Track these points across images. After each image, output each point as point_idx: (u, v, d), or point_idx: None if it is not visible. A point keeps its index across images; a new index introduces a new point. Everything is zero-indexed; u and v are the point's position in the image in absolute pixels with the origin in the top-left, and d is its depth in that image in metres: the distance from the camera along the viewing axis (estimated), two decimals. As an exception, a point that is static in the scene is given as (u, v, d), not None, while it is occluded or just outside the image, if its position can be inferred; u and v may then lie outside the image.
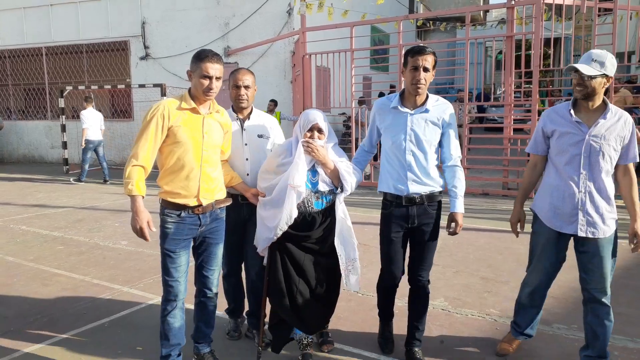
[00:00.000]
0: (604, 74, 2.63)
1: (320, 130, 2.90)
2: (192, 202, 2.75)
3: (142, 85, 11.77)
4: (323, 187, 2.91)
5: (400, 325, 3.29)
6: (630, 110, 10.00)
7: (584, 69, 2.63)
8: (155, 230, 2.66)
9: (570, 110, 2.76)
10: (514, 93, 8.74)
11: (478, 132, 14.06)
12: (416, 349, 3.04)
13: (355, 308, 3.84)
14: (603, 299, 2.80)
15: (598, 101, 2.73)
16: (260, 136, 3.22)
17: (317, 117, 2.91)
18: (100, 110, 11.66)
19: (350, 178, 2.93)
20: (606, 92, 2.80)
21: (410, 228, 2.93)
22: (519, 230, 3.06)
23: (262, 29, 12.08)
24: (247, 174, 3.17)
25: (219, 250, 2.98)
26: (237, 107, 3.20)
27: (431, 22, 19.87)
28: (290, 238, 2.88)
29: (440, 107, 2.92)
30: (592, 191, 2.73)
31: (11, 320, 3.75)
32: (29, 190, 9.89)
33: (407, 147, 2.88)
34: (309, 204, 2.90)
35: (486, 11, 32.80)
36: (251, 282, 3.31)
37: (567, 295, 3.99)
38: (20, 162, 15.08)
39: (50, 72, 14.81)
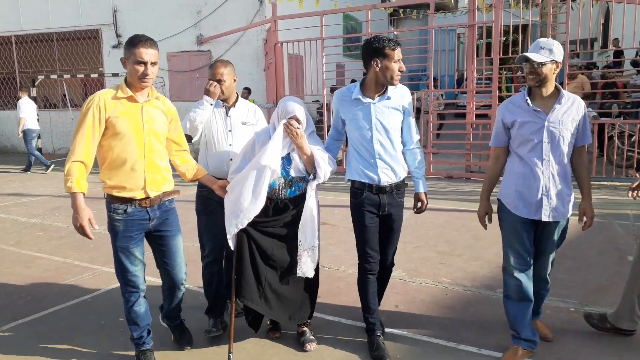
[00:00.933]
0: (553, 60, 2.73)
1: (298, 121, 2.93)
2: (139, 195, 2.70)
3: (115, 74, 11.84)
4: (296, 173, 2.96)
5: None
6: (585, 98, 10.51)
7: (534, 56, 2.72)
8: (97, 228, 2.65)
9: (526, 99, 2.82)
10: (483, 80, 9.12)
11: (449, 118, 14.53)
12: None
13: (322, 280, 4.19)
14: (545, 276, 3.02)
15: (551, 88, 2.82)
16: (244, 123, 3.31)
17: (295, 108, 2.95)
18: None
19: (325, 166, 2.96)
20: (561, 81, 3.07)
21: (381, 215, 3.01)
22: (487, 223, 3.08)
23: (235, 17, 12.21)
24: (231, 159, 3.21)
25: (179, 243, 2.93)
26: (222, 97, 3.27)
27: (401, 10, 20.15)
28: (256, 224, 2.90)
29: (399, 93, 2.99)
30: (555, 176, 2.81)
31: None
32: (4, 180, 9.96)
33: (374, 137, 2.93)
34: (282, 192, 2.96)
35: (457, -1, 33.18)
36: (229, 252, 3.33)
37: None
38: (-8, 152, 14.97)
39: (21, 61, 14.69)
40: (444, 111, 11.44)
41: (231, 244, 2.94)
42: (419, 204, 3.11)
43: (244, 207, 2.83)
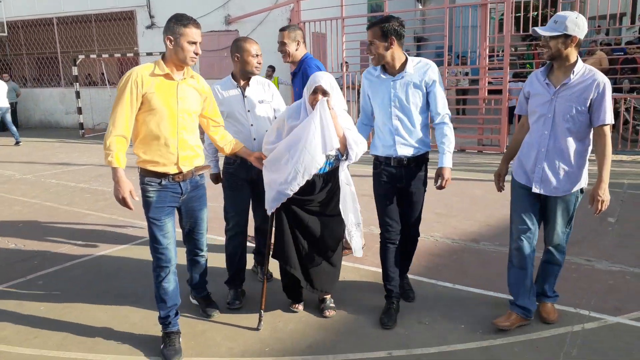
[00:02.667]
0: (563, 34, 2.65)
1: (324, 92, 2.90)
2: (173, 170, 2.76)
3: (149, 54, 12.59)
4: (328, 152, 2.95)
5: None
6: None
7: (541, 30, 2.72)
8: (139, 200, 2.74)
9: (544, 72, 2.84)
10: (495, 57, 9.48)
11: (472, 93, 14.78)
12: (405, 282, 3.47)
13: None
14: (551, 248, 3.03)
15: (567, 62, 2.74)
16: (261, 102, 3.35)
17: (320, 79, 2.92)
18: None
19: (357, 148, 2.99)
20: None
21: (399, 187, 3.09)
22: (500, 185, 3.16)
23: (261, -3, 12.75)
24: (255, 139, 3.30)
25: (205, 215, 3.06)
26: (247, 74, 3.29)
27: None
28: (293, 201, 2.98)
29: (421, 69, 2.99)
30: (551, 150, 2.80)
31: (62, 241, 4.78)
32: (51, 152, 10.90)
33: (392, 113, 3.00)
34: None
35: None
36: (259, 224, 3.63)
37: (500, 223, 4.96)
38: (37, 127, 16.06)
39: (62, 42, 15.62)
40: (463, 87, 11.80)
41: (269, 211, 3.07)
42: (439, 180, 3.07)
43: (289, 186, 2.90)
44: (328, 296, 3.31)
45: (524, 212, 2.95)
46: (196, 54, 2.70)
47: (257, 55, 3.27)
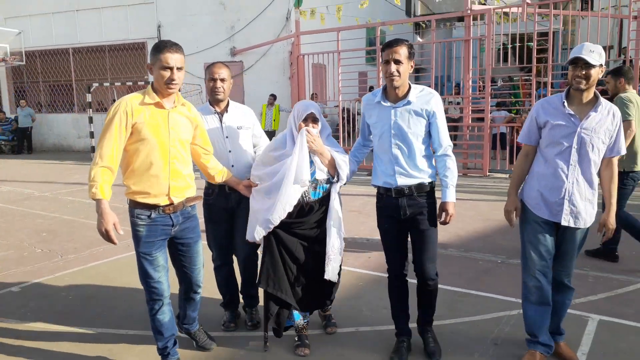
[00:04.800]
0: (600, 64, 2.65)
1: (315, 120, 2.96)
2: (163, 201, 2.66)
3: (159, 82, 13.47)
4: (320, 175, 2.98)
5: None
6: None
7: (590, 58, 2.61)
8: (123, 233, 2.61)
9: (563, 102, 2.74)
10: (478, 87, 10.28)
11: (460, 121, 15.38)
12: (428, 328, 3.12)
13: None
14: (567, 282, 2.95)
15: (591, 94, 2.73)
16: (239, 127, 3.28)
17: (310, 107, 2.97)
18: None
19: (346, 167, 3.00)
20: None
21: (404, 219, 2.90)
22: (513, 218, 2.98)
23: (264, 31, 13.70)
24: (232, 165, 3.23)
25: (200, 248, 2.94)
26: (213, 99, 3.23)
27: (424, 22, 21.27)
28: (282, 225, 2.92)
29: (424, 98, 2.85)
30: (580, 182, 2.76)
31: (83, 247, 5.45)
32: (67, 173, 11.66)
33: (392, 141, 2.87)
34: (306, 195, 2.96)
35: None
36: (243, 265, 3.41)
37: (469, 235, 5.61)
38: (50, 150, 16.89)
39: (77, 70, 16.60)
40: (452, 115, 12.54)
41: (257, 239, 3.00)
42: (443, 215, 2.89)
43: (272, 217, 2.88)
44: (328, 312, 3.42)
45: (543, 246, 2.85)
46: (172, 79, 2.56)
47: (215, 80, 3.16)
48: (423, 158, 2.90)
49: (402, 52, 2.75)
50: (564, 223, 2.79)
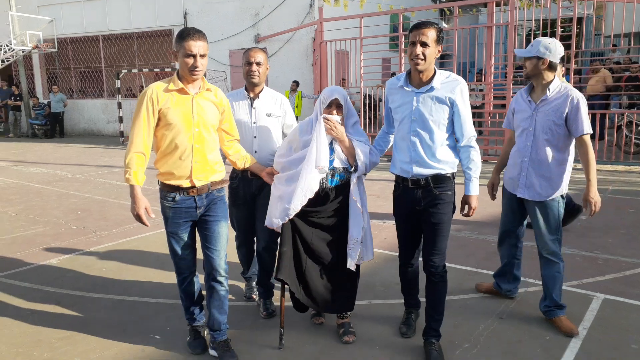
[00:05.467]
0: (536, 56, 3.02)
1: (339, 106, 2.92)
2: (185, 184, 2.75)
3: (185, 69, 13.79)
4: (338, 164, 2.95)
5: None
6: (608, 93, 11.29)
7: (517, 51, 3.19)
8: (155, 217, 2.79)
9: (527, 90, 3.21)
10: (499, 74, 10.28)
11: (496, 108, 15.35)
12: (433, 340, 2.92)
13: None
14: (546, 255, 3.21)
15: (543, 80, 3.08)
16: (269, 115, 3.29)
17: (335, 92, 2.93)
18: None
19: (366, 158, 2.94)
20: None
21: (418, 210, 2.86)
22: (493, 193, 3.49)
23: (288, 18, 13.86)
24: (256, 152, 3.25)
25: (222, 229, 2.90)
26: (248, 83, 3.27)
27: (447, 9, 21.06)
28: (299, 213, 2.91)
29: (449, 85, 2.75)
30: (534, 160, 3.11)
31: (114, 224, 5.79)
32: (96, 156, 12.11)
33: (411, 128, 2.79)
34: (324, 181, 2.94)
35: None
36: (259, 255, 3.43)
37: (483, 219, 5.74)
38: (81, 135, 17.46)
39: (106, 57, 17.08)
40: (475, 102, 12.54)
41: (275, 226, 3.00)
42: (466, 208, 2.88)
43: (293, 203, 2.86)
44: (347, 320, 3.19)
45: (511, 213, 3.41)
46: (194, 67, 2.63)
47: (251, 63, 3.21)
48: (444, 147, 2.81)
49: (430, 34, 2.66)
50: (519, 195, 3.23)
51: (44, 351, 3.07)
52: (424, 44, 2.65)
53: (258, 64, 3.22)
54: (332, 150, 2.93)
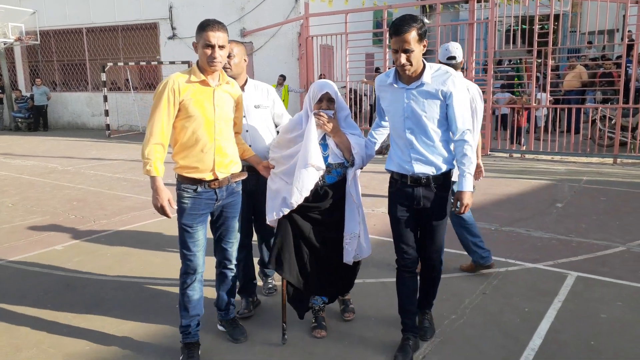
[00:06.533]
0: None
1: (330, 100, 2.88)
2: (209, 177, 2.74)
3: (172, 62, 13.88)
4: (334, 159, 2.92)
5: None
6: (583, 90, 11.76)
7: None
8: (177, 207, 2.76)
9: None
10: (480, 70, 10.64)
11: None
12: (427, 311, 3.15)
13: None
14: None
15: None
16: (257, 107, 3.26)
17: (325, 87, 2.89)
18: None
19: (362, 151, 2.92)
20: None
21: (416, 209, 2.81)
22: None
23: (273, 13, 14.01)
24: (250, 145, 3.20)
25: (237, 224, 2.99)
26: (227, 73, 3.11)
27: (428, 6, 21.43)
28: (298, 208, 2.90)
29: (439, 78, 2.67)
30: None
31: (111, 214, 5.97)
32: (84, 149, 12.16)
33: (405, 125, 2.72)
34: (321, 178, 2.90)
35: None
36: (266, 243, 3.55)
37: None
38: (65, 128, 17.38)
39: (90, 50, 17.00)
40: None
41: (270, 222, 3.02)
42: (458, 204, 2.78)
43: (290, 201, 2.86)
44: (347, 297, 3.38)
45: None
46: (213, 57, 2.63)
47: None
48: (442, 142, 2.74)
49: (412, 37, 2.54)
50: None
51: (62, 327, 3.28)
52: (407, 51, 2.57)
53: (229, 56, 3.08)
54: (326, 146, 2.92)
